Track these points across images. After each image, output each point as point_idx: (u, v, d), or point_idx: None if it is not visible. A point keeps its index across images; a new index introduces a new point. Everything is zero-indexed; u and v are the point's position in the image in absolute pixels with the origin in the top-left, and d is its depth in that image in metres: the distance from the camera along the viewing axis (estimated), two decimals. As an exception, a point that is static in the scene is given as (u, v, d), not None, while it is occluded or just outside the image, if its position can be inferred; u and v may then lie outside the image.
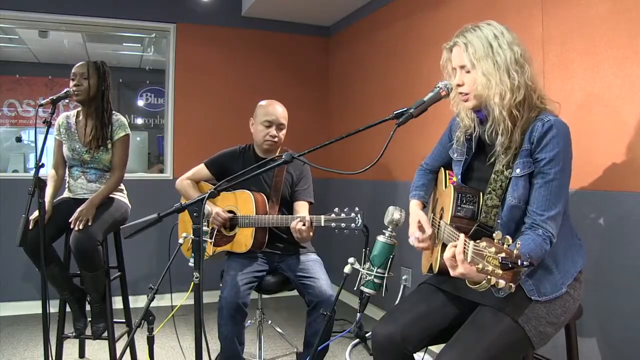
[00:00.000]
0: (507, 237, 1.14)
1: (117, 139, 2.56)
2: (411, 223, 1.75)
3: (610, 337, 2.00)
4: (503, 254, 1.12)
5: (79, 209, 2.36)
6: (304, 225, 2.20)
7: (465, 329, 1.50)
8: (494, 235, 1.16)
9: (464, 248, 1.26)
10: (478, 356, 1.39)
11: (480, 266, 1.16)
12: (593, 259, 1.86)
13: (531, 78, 1.48)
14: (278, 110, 2.53)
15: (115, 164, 2.57)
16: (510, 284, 1.13)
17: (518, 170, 1.48)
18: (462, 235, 1.31)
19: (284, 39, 4.45)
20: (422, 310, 1.62)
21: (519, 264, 1.11)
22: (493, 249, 1.14)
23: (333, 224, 2.16)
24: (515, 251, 1.12)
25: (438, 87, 1.60)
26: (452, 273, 1.32)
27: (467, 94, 1.53)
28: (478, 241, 1.20)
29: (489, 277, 1.15)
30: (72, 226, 2.33)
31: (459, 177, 1.68)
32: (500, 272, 1.12)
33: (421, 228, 1.71)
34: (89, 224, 2.35)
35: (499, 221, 1.51)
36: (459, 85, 1.54)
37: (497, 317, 1.46)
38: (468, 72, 1.52)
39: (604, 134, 2.03)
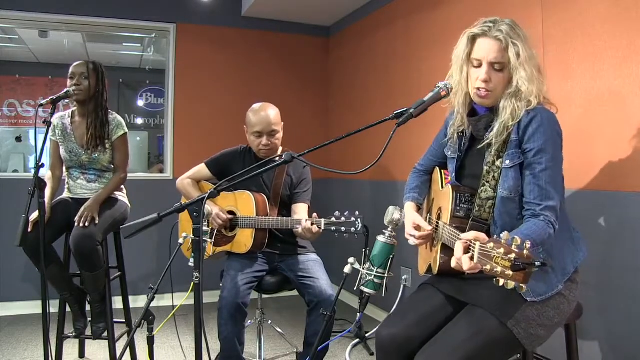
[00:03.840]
0: (516, 237, 1.12)
1: (116, 138, 2.56)
2: (407, 225, 1.76)
3: (610, 337, 2.00)
4: (514, 255, 1.09)
5: (83, 207, 2.37)
6: (314, 226, 2.19)
7: (452, 327, 1.50)
8: (501, 235, 1.14)
9: (471, 248, 1.25)
10: (461, 356, 1.40)
11: (488, 267, 1.14)
12: (593, 259, 1.86)
13: (544, 82, 1.52)
14: (268, 116, 2.46)
15: (118, 163, 2.57)
16: (521, 284, 1.11)
17: (508, 162, 1.49)
18: (460, 240, 1.30)
19: (284, 39, 4.45)
20: (424, 311, 1.62)
21: (532, 263, 1.08)
22: (502, 250, 1.11)
23: (333, 228, 2.15)
24: (525, 252, 1.10)
25: (438, 87, 1.60)
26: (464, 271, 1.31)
27: (489, 92, 1.50)
28: (485, 242, 1.18)
29: (497, 278, 1.13)
30: (77, 224, 2.32)
31: (453, 174, 1.68)
32: (510, 273, 1.10)
33: (417, 228, 1.72)
34: (96, 221, 2.35)
35: (493, 214, 1.51)
36: (485, 82, 1.49)
37: (484, 318, 1.46)
38: (499, 70, 1.48)
39: (604, 133, 2.03)
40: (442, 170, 1.84)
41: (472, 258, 1.24)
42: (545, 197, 1.44)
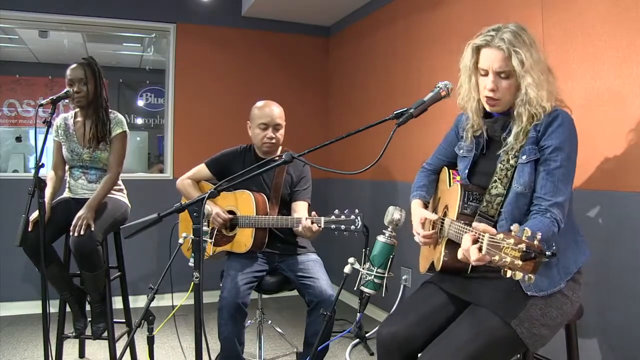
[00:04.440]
0: (526, 228, 1.14)
1: (114, 135, 2.55)
2: (414, 221, 1.75)
3: (610, 337, 2.00)
4: (524, 245, 1.11)
5: (77, 215, 2.33)
6: (314, 225, 2.19)
7: (455, 327, 1.50)
8: (511, 227, 1.16)
9: (479, 239, 1.26)
10: (464, 356, 1.40)
11: (496, 258, 1.15)
12: (593, 258, 1.85)
13: (555, 82, 1.55)
14: (273, 111, 2.51)
15: (111, 162, 2.54)
16: (529, 274, 1.12)
17: (524, 157, 1.51)
18: (469, 232, 1.31)
19: (284, 39, 4.45)
20: (425, 309, 1.62)
21: (543, 253, 1.10)
22: (512, 240, 1.13)
23: (333, 226, 2.15)
24: (536, 242, 1.11)
25: (438, 87, 1.61)
26: (471, 262, 1.32)
27: (498, 100, 1.53)
28: (494, 234, 1.19)
29: (506, 269, 1.14)
30: (71, 233, 2.30)
31: (466, 172, 1.68)
32: (520, 263, 1.11)
33: (424, 222, 1.72)
34: (91, 228, 2.32)
35: (502, 210, 1.52)
36: (492, 90, 1.52)
37: (488, 318, 1.46)
38: (506, 77, 1.50)
39: (604, 134, 2.03)
40: (450, 170, 1.84)
41: (480, 249, 1.24)
42: (556, 193, 1.46)
